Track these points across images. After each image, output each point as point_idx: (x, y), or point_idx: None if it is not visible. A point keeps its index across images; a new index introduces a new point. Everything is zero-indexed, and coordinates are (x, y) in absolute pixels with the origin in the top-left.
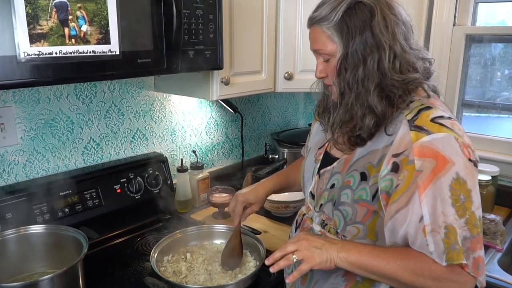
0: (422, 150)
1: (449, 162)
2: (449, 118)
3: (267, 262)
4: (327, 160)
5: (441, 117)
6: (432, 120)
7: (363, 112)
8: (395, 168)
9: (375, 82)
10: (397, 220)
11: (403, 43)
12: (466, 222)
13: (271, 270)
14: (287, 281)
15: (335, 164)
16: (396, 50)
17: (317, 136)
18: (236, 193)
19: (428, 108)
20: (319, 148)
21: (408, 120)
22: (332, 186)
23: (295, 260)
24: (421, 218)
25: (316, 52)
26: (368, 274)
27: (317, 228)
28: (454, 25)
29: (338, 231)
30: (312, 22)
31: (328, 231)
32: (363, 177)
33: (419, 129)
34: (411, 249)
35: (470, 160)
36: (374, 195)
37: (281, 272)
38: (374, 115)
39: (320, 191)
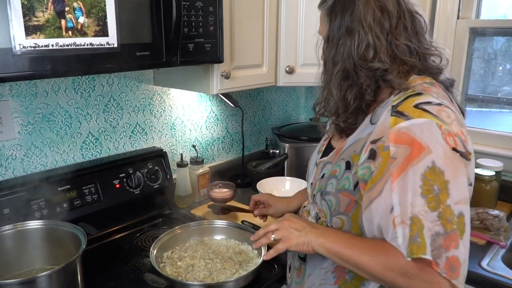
0: (398, 136)
1: (424, 150)
2: (439, 104)
3: (251, 238)
4: (327, 150)
5: (429, 103)
6: (416, 105)
7: (328, 96)
8: (372, 155)
9: (340, 66)
10: (372, 210)
11: (377, 31)
12: (439, 216)
13: (254, 246)
14: (264, 258)
15: (330, 154)
16: (369, 39)
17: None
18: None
19: (418, 94)
20: (324, 140)
21: (392, 106)
22: (323, 176)
23: (273, 238)
24: (392, 209)
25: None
26: (344, 264)
27: (312, 221)
28: (458, 18)
29: (328, 223)
30: (318, 6)
31: (321, 224)
32: (348, 166)
33: (400, 114)
34: (386, 241)
35: (455, 149)
36: (356, 185)
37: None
38: (334, 100)
39: (315, 181)
